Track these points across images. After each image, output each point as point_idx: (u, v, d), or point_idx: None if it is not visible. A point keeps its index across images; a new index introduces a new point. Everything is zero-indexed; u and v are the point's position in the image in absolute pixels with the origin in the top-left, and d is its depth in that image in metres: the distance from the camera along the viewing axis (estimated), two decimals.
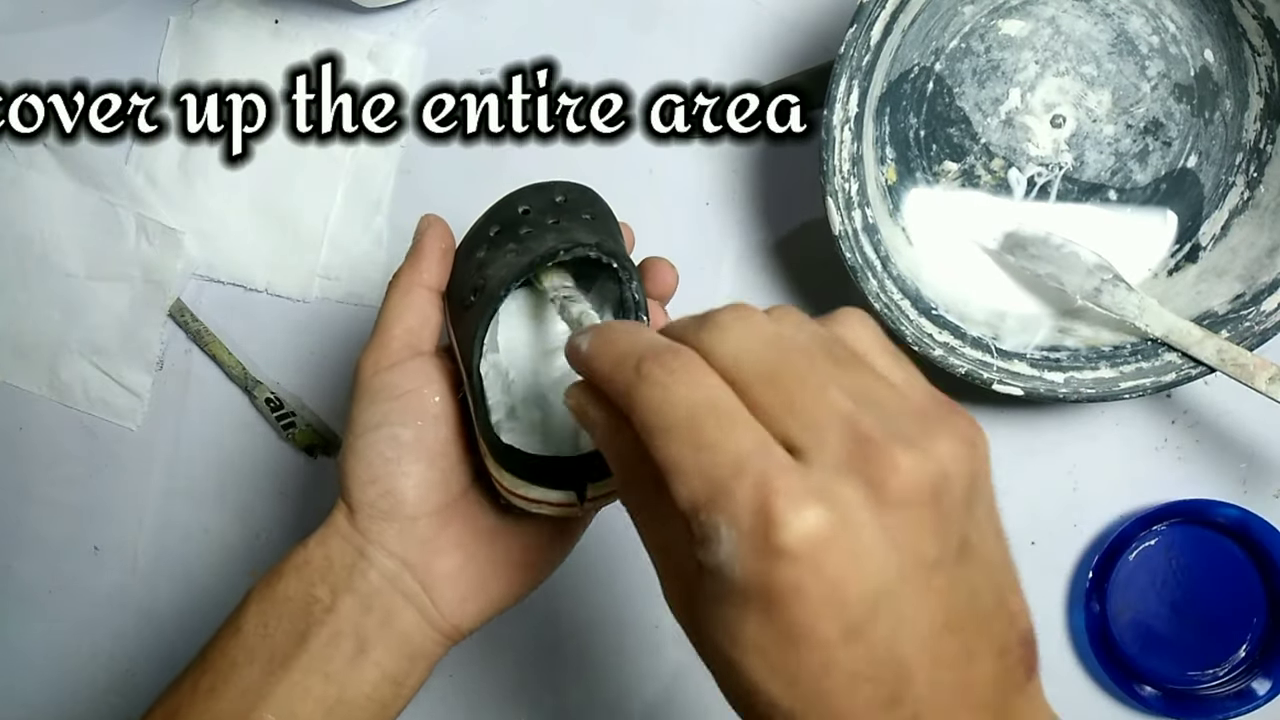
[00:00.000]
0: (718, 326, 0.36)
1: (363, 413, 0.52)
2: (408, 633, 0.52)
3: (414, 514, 0.51)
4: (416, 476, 0.51)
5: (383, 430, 0.51)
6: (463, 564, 0.53)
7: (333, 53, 0.77)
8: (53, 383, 0.82)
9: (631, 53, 0.75)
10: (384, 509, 0.51)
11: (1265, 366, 0.61)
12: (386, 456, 0.51)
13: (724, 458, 0.32)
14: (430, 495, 0.52)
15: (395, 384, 0.52)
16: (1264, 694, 0.67)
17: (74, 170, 0.80)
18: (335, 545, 0.52)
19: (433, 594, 0.52)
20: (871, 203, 0.64)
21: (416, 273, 0.53)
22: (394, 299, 0.53)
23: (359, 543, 0.51)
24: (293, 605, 0.51)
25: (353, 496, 0.51)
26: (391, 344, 0.52)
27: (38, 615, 0.82)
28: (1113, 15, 0.66)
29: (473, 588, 0.53)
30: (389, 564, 0.51)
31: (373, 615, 0.51)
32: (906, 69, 0.66)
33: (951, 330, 0.65)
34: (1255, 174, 0.66)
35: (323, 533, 0.52)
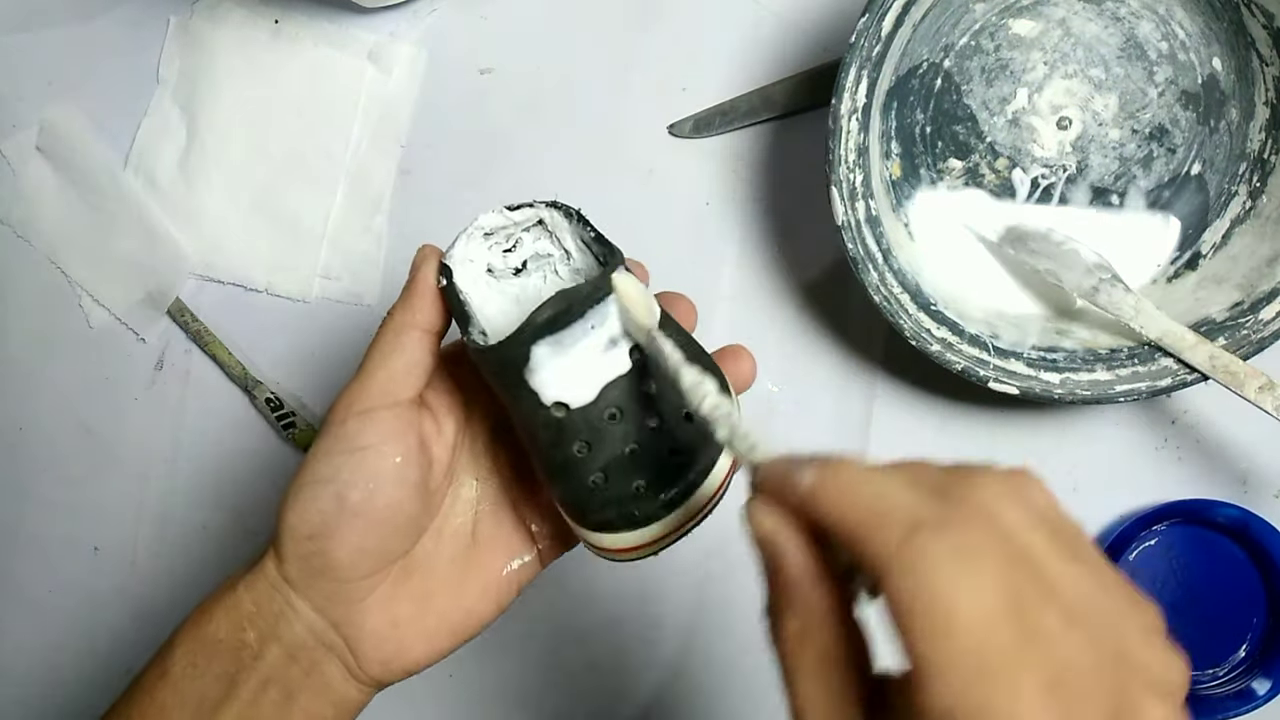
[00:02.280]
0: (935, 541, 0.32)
1: (317, 460, 0.47)
2: (332, 684, 0.49)
3: (346, 578, 0.47)
4: (354, 542, 0.47)
5: (330, 487, 0.46)
6: (391, 627, 0.49)
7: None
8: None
9: (632, 53, 0.73)
10: (315, 567, 0.47)
11: (1255, 375, 0.60)
12: (326, 516, 0.46)
13: (1004, 695, 0.30)
14: (364, 562, 0.48)
15: (357, 435, 0.47)
16: (1264, 694, 0.65)
17: (72, 173, 0.78)
18: (263, 591, 0.48)
19: (357, 652, 0.49)
20: (875, 195, 0.63)
21: (409, 312, 0.48)
22: (382, 339, 0.48)
23: (285, 591, 0.47)
24: (222, 648, 0.47)
25: (284, 547, 0.47)
26: (369, 388, 0.47)
27: (38, 615, 0.80)
28: (1123, 19, 0.64)
29: (398, 648, 0.49)
30: (314, 618, 0.48)
31: (298, 665, 0.48)
32: (915, 64, 0.65)
33: (950, 327, 0.63)
34: (1258, 184, 0.64)
35: (251, 577, 0.48)
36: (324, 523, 0.46)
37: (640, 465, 0.46)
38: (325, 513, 0.46)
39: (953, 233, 0.67)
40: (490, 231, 0.51)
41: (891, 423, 0.69)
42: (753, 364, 0.53)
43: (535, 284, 0.53)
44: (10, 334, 0.80)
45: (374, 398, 0.47)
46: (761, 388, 0.70)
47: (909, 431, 0.70)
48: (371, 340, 0.49)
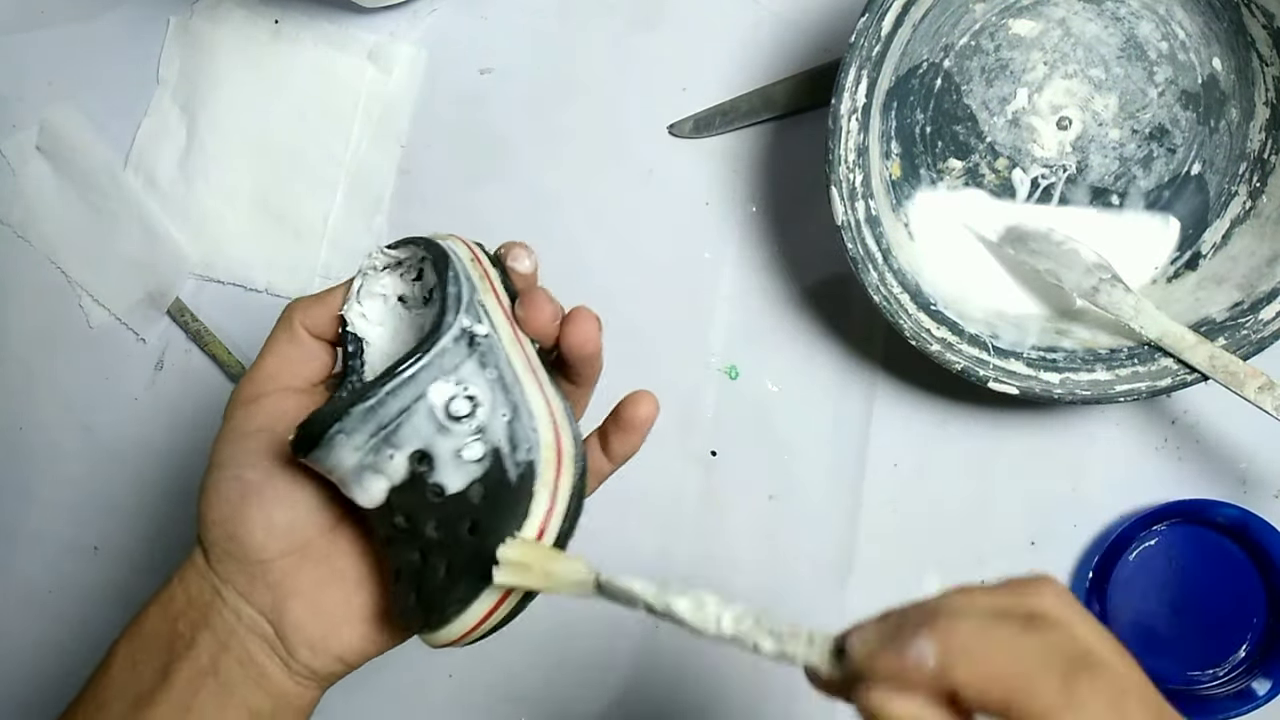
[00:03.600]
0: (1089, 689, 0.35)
1: (217, 448, 0.48)
2: (267, 674, 0.48)
3: (260, 558, 0.47)
4: (259, 521, 0.47)
5: (228, 470, 0.47)
6: (314, 615, 0.48)
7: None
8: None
9: (632, 53, 0.73)
10: (229, 551, 0.47)
11: (1255, 375, 0.60)
12: (230, 497, 0.47)
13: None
14: (273, 541, 0.47)
15: (249, 418, 0.48)
16: (1264, 694, 0.65)
17: (72, 173, 0.77)
18: (193, 582, 0.48)
19: (285, 639, 0.48)
20: (875, 195, 0.62)
21: (300, 312, 0.49)
22: (278, 328, 0.49)
23: (213, 581, 0.48)
24: (158, 641, 0.48)
25: (203, 536, 0.48)
26: (257, 375, 0.48)
27: (38, 615, 0.79)
28: (1123, 19, 0.64)
29: (325, 634, 0.49)
30: (240, 604, 0.48)
31: (231, 653, 0.47)
32: (915, 64, 0.65)
33: (950, 326, 0.63)
34: (1258, 184, 0.64)
35: (183, 569, 0.49)
36: (229, 505, 0.47)
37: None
38: (228, 495, 0.47)
39: (953, 233, 0.67)
40: (401, 261, 0.50)
41: (891, 423, 0.69)
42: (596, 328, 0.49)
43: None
44: (10, 334, 0.79)
45: (262, 384, 0.48)
46: (762, 387, 0.70)
47: (909, 431, 0.69)
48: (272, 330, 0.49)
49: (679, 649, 0.71)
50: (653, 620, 0.71)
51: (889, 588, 0.69)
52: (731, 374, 0.71)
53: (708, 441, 0.71)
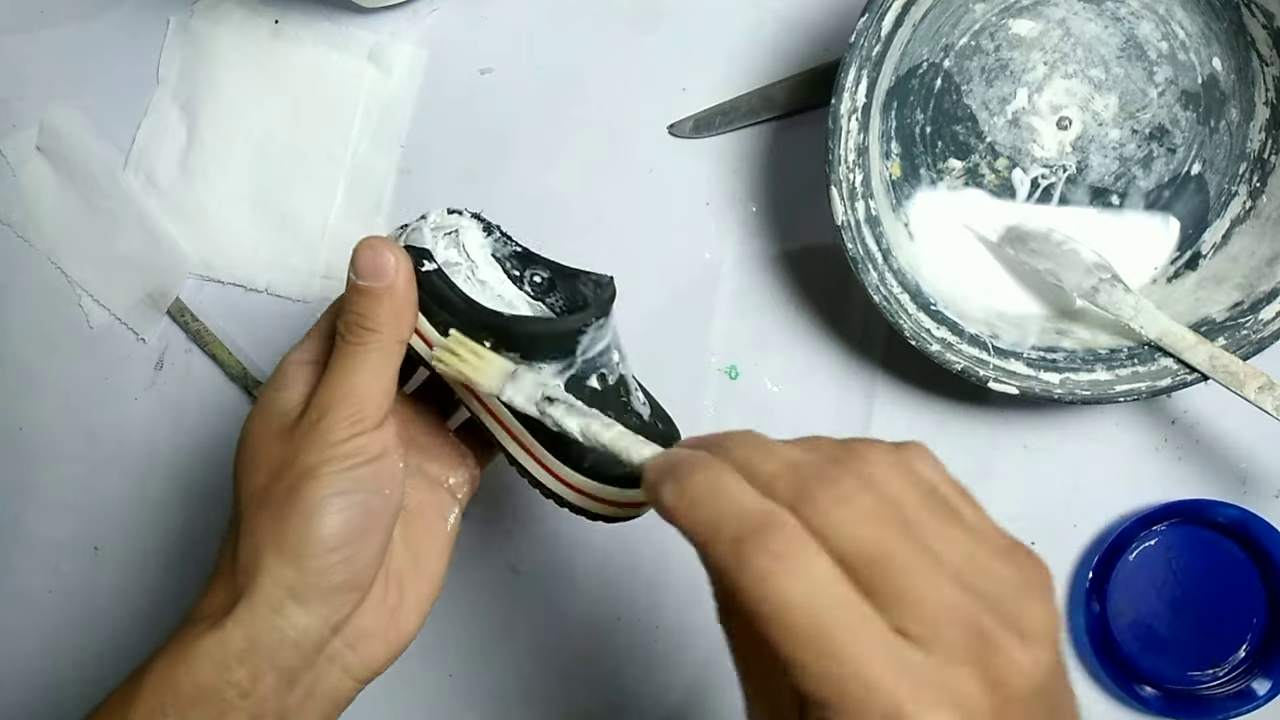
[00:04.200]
0: (816, 499, 0.34)
1: (333, 475, 0.47)
2: (330, 693, 0.49)
3: (363, 584, 0.48)
4: (376, 546, 0.48)
5: (355, 497, 0.47)
6: (390, 618, 0.50)
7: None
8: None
9: (632, 53, 0.73)
10: (337, 578, 0.47)
11: (1255, 375, 0.60)
12: (356, 525, 0.47)
13: (851, 668, 0.31)
14: (377, 563, 0.49)
15: (371, 449, 0.48)
16: (1264, 694, 0.65)
17: (72, 173, 0.77)
18: (262, 620, 0.46)
19: (360, 651, 0.49)
20: (875, 195, 0.62)
21: (398, 327, 0.49)
22: (371, 355, 0.49)
23: (290, 614, 0.47)
24: (203, 694, 0.46)
25: (305, 561, 0.46)
26: (367, 406, 0.48)
27: (38, 615, 0.79)
28: (1123, 19, 0.64)
29: (398, 635, 0.51)
30: (322, 633, 0.48)
31: (296, 690, 0.48)
32: (915, 64, 0.65)
33: (949, 326, 0.63)
34: (1258, 184, 0.64)
35: (241, 611, 0.46)
36: (352, 534, 0.47)
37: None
38: (354, 524, 0.47)
39: (953, 233, 0.67)
40: (436, 227, 0.53)
41: (891, 423, 0.69)
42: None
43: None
44: (10, 334, 0.79)
45: (372, 413, 0.48)
46: (762, 387, 0.70)
47: (909, 432, 0.69)
48: (349, 349, 0.49)
49: (680, 648, 0.71)
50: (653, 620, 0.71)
51: None
52: (731, 374, 0.71)
53: None
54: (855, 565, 0.33)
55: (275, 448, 0.49)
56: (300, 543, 0.46)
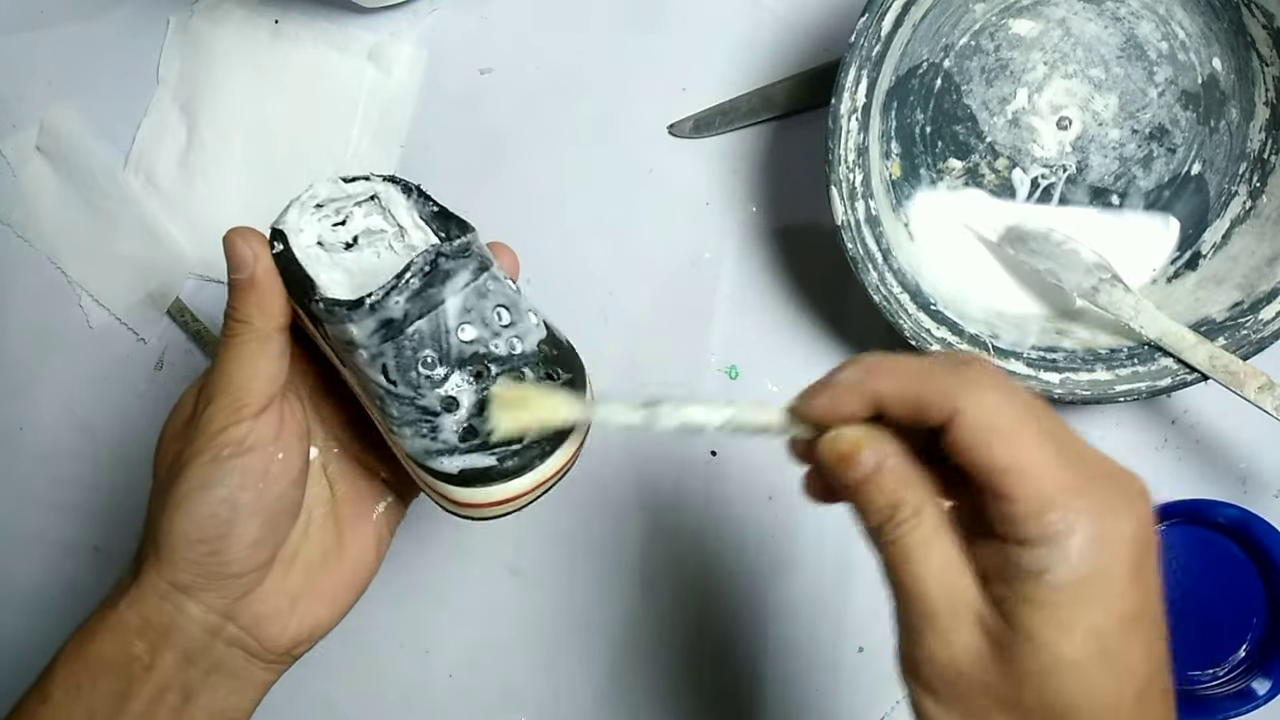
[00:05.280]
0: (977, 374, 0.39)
1: (202, 467, 0.47)
2: (235, 672, 0.50)
3: (240, 573, 0.48)
4: (248, 539, 0.48)
5: (218, 490, 0.47)
6: (290, 604, 0.51)
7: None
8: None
9: (632, 53, 0.73)
10: (209, 569, 0.48)
11: (1255, 375, 0.60)
12: (220, 518, 0.47)
13: (1064, 473, 0.36)
14: (257, 554, 0.49)
15: (242, 439, 0.48)
16: (1264, 694, 0.64)
17: (72, 173, 0.77)
18: (151, 604, 0.48)
19: (257, 635, 0.50)
20: (875, 195, 0.62)
21: (267, 317, 0.49)
22: (243, 344, 0.49)
23: (177, 600, 0.48)
24: (108, 665, 0.47)
25: (175, 553, 0.47)
26: (246, 393, 0.48)
27: (38, 615, 0.79)
28: (1123, 19, 0.64)
29: (299, 620, 0.51)
30: (210, 618, 0.48)
31: (197, 667, 0.48)
32: (915, 64, 0.64)
33: (949, 326, 0.63)
34: (1258, 184, 0.64)
35: (134, 593, 0.48)
36: (217, 526, 0.47)
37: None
38: (218, 517, 0.47)
39: (953, 233, 0.66)
40: (321, 203, 0.52)
41: None
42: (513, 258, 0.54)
43: (369, 258, 0.54)
44: (10, 334, 0.79)
45: (249, 402, 0.48)
46: (762, 387, 0.70)
47: None
48: (225, 342, 0.49)
49: (681, 650, 0.71)
50: (652, 620, 0.71)
51: None
52: (731, 374, 0.71)
53: (708, 441, 0.70)
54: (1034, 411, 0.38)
55: (172, 441, 0.50)
56: (167, 536, 0.47)
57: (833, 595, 0.69)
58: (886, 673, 0.68)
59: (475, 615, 0.73)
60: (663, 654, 0.72)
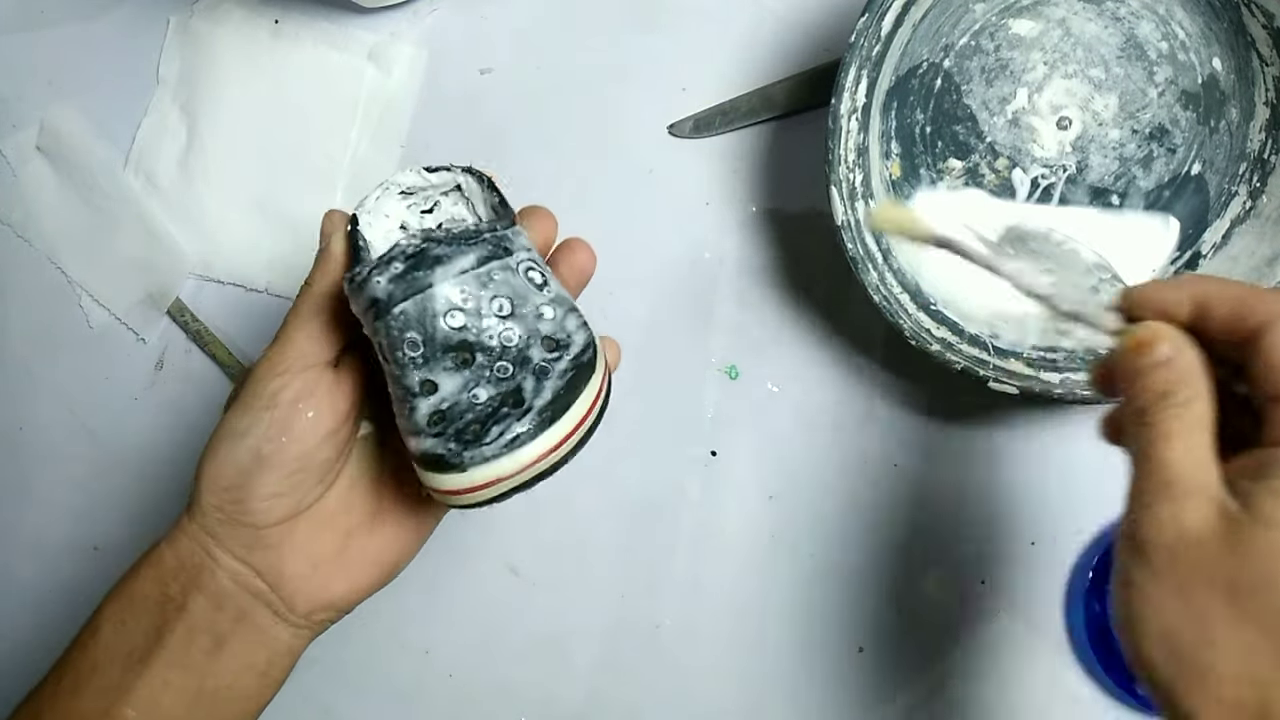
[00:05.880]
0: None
1: (235, 416, 0.50)
2: (262, 627, 0.51)
3: (262, 524, 0.50)
4: (268, 490, 0.50)
5: (246, 440, 0.49)
6: (312, 568, 0.52)
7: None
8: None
9: (632, 53, 0.73)
10: (231, 514, 0.50)
11: None
12: (242, 466, 0.49)
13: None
14: (277, 508, 0.50)
15: (275, 393, 0.49)
16: None
17: (72, 173, 0.77)
18: (183, 546, 0.50)
19: (281, 593, 0.51)
20: (875, 195, 0.62)
21: (324, 281, 0.51)
22: (302, 304, 0.51)
23: (205, 543, 0.50)
24: (148, 604, 0.50)
25: (202, 499, 0.50)
26: (288, 351, 0.50)
27: (38, 615, 0.79)
28: (1123, 19, 0.64)
29: (321, 586, 0.52)
30: (236, 565, 0.50)
31: (225, 612, 0.50)
32: (915, 64, 0.64)
33: (950, 327, 0.63)
34: (1258, 184, 0.63)
35: (172, 533, 0.51)
36: (239, 474, 0.49)
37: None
38: (240, 464, 0.49)
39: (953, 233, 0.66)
40: (409, 190, 0.54)
41: (891, 423, 0.69)
42: (590, 254, 0.56)
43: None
44: (10, 334, 0.79)
45: (291, 360, 0.50)
46: (761, 387, 0.70)
47: (909, 432, 0.69)
48: (292, 304, 0.51)
49: (681, 650, 0.71)
50: (653, 620, 0.71)
51: (889, 588, 0.69)
52: (731, 374, 0.71)
53: (708, 441, 0.70)
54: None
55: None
56: (202, 483, 0.50)
57: (833, 595, 0.69)
58: (887, 673, 0.69)
59: (475, 615, 0.73)
60: (662, 654, 0.71)
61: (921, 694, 0.68)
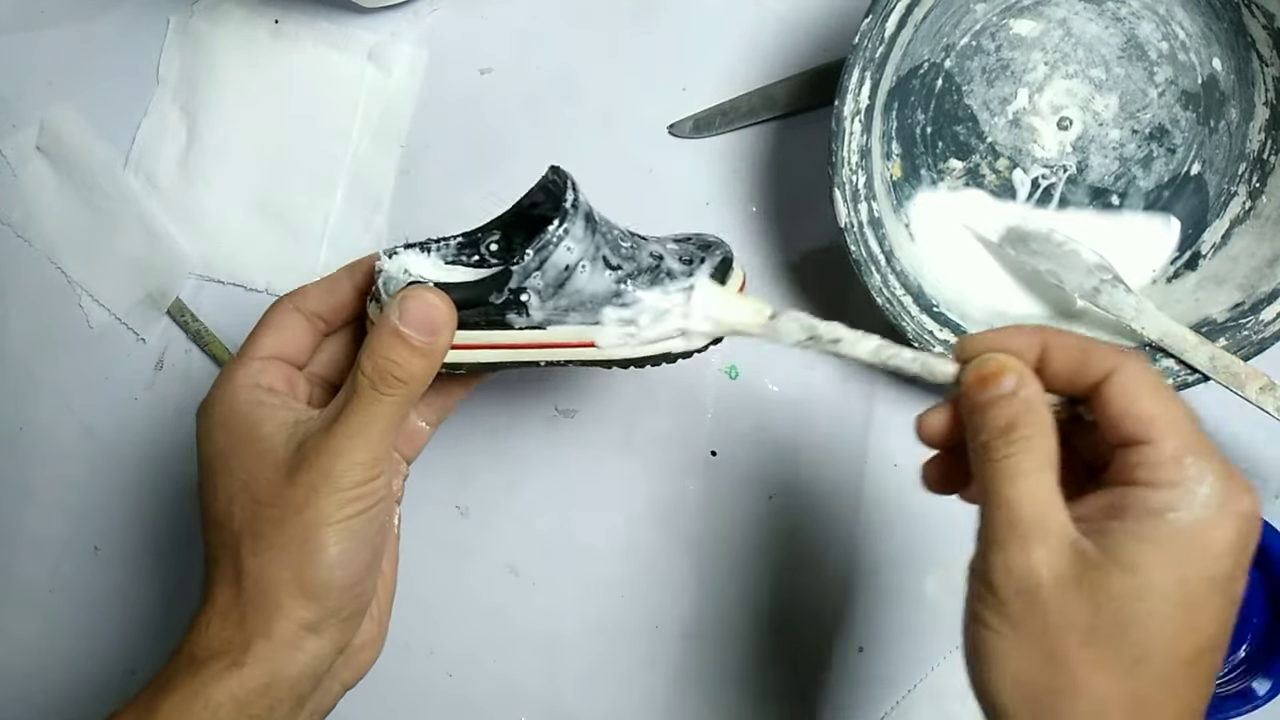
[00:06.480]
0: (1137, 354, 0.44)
1: (346, 517, 0.48)
2: (327, 706, 0.52)
3: (368, 608, 0.51)
4: (378, 574, 0.51)
5: (365, 537, 0.49)
6: (374, 629, 0.54)
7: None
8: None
9: (632, 53, 0.73)
10: (351, 612, 0.49)
11: (1256, 376, 0.60)
12: (361, 564, 0.49)
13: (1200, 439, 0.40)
14: (376, 587, 0.52)
15: (378, 489, 0.49)
16: (1264, 694, 0.64)
17: (72, 173, 0.77)
18: (281, 660, 0.48)
19: (354, 662, 0.53)
20: (877, 197, 0.62)
21: (424, 382, 0.50)
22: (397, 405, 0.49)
23: (309, 648, 0.48)
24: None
25: (327, 602, 0.48)
26: (382, 451, 0.49)
27: (38, 615, 0.79)
28: (1123, 20, 0.64)
29: (378, 641, 0.55)
30: (332, 658, 0.50)
31: (303, 710, 0.50)
32: (916, 64, 0.64)
33: (952, 328, 0.63)
34: (1258, 184, 0.64)
35: (260, 649, 0.47)
36: (362, 572, 0.49)
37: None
38: (364, 562, 0.49)
39: (953, 233, 0.66)
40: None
41: (891, 423, 0.69)
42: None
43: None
44: (10, 334, 0.79)
45: (387, 457, 0.49)
46: (761, 387, 0.70)
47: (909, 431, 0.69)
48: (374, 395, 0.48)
49: (681, 650, 0.71)
50: (653, 619, 0.71)
51: (889, 588, 0.69)
52: (731, 374, 0.70)
53: (708, 441, 0.70)
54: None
55: (274, 486, 0.48)
56: (321, 586, 0.47)
57: (833, 595, 0.69)
58: (886, 673, 0.69)
59: (475, 615, 0.73)
60: (662, 654, 0.71)
61: (921, 694, 0.68)
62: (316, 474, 0.47)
